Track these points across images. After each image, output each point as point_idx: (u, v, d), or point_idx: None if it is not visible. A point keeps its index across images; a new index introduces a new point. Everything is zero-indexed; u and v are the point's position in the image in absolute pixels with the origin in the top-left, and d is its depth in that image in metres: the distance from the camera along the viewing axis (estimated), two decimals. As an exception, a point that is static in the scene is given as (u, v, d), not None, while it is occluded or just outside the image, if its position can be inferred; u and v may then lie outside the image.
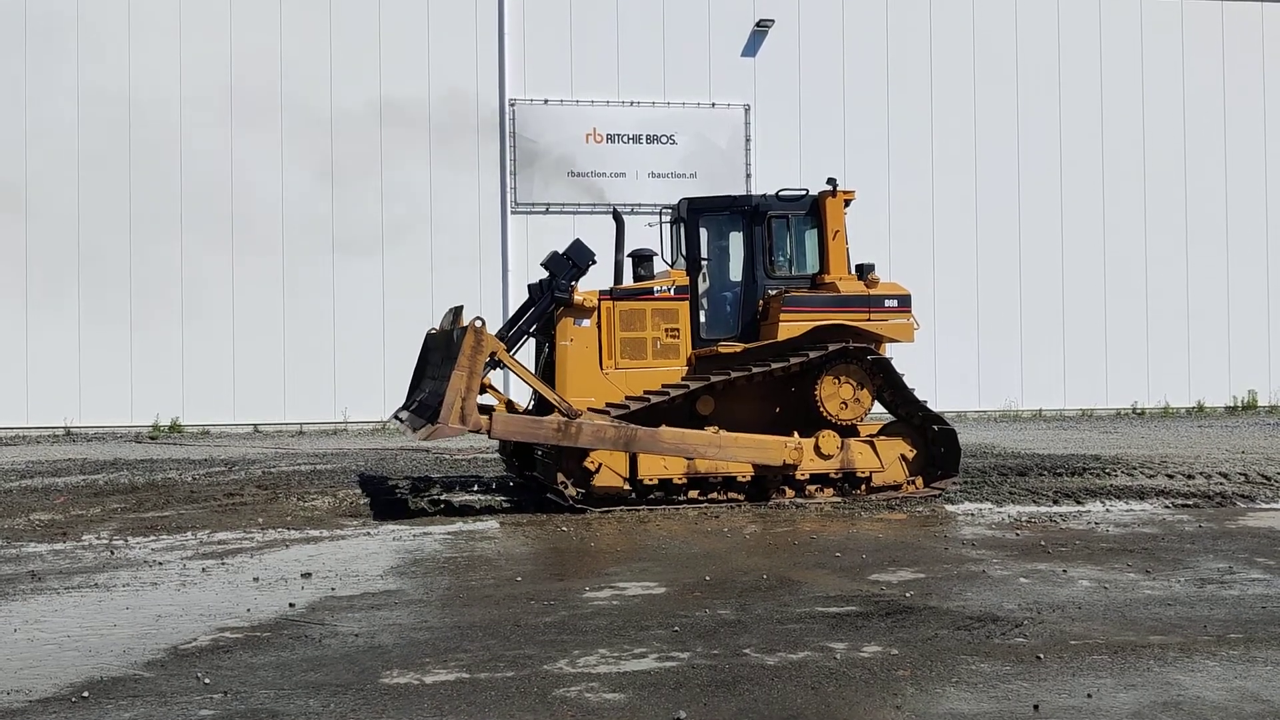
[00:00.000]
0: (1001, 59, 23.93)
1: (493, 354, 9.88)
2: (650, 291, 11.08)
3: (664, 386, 10.60)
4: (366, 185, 21.93)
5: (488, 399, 10.41)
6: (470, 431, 9.64)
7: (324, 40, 21.85)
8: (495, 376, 11.16)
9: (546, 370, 11.17)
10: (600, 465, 10.27)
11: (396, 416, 11.53)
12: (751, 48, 23.18)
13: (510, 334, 11.00)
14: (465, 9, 22.25)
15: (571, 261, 10.75)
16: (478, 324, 9.73)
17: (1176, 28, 24.60)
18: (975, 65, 23.87)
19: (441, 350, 11.02)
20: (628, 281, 11.37)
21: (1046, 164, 24.06)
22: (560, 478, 10.16)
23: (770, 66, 23.16)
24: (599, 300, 10.93)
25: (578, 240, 11.04)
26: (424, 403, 10.77)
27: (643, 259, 11.36)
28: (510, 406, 11.10)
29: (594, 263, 10.87)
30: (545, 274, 10.89)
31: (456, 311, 11.10)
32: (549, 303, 10.77)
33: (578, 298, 10.78)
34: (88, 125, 21.34)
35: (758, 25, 23.07)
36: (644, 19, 22.66)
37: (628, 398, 10.61)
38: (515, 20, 22.38)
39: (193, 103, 21.52)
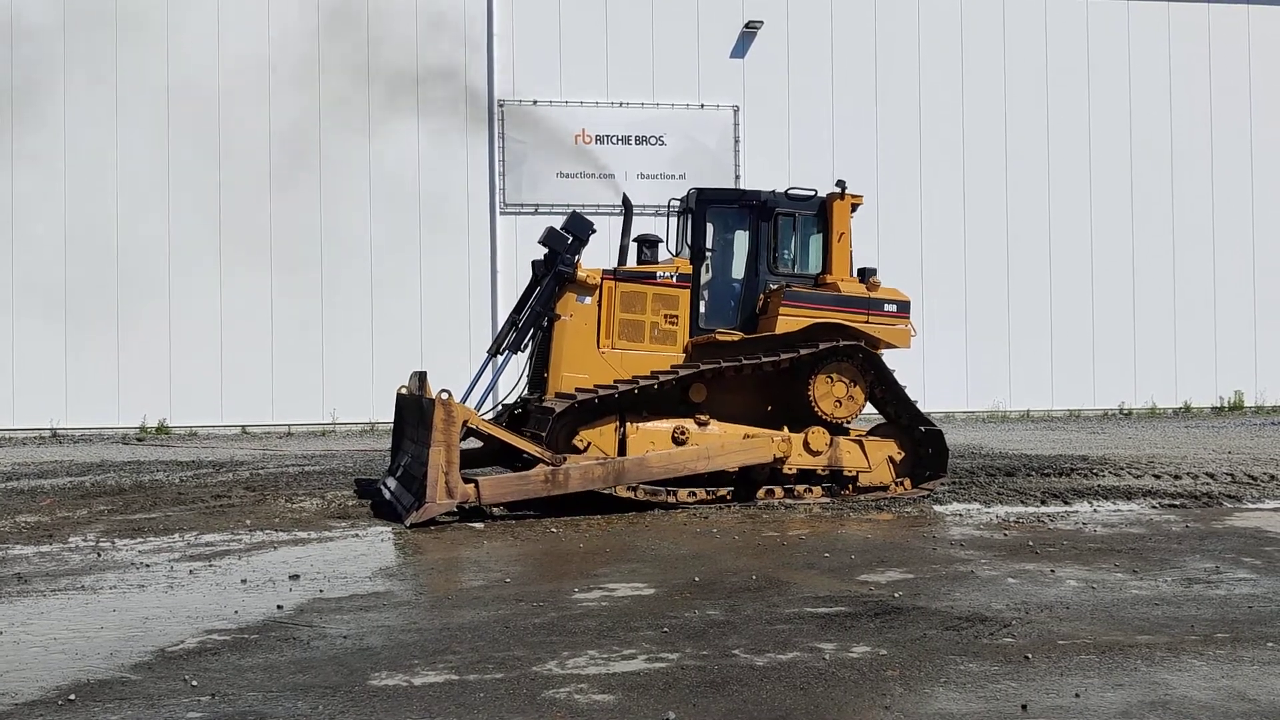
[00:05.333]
0: (989, 60, 24.02)
1: (465, 422, 9.70)
2: (653, 276, 11.06)
3: (653, 372, 10.61)
4: (355, 186, 21.90)
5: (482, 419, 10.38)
6: (459, 504, 9.59)
7: (311, 38, 21.81)
8: (495, 375, 11.19)
9: (543, 347, 11.11)
10: (589, 445, 10.30)
11: (384, 485, 11.51)
12: (740, 49, 23.21)
13: (521, 323, 10.92)
14: (454, 9, 22.23)
15: (571, 234, 10.70)
16: (444, 396, 9.55)
17: (1164, 29, 24.72)
18: (963, 67, 23.94)
19: (415, 413, 10.90)
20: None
21: (1034, 165, 24.15)
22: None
23: (759, 68, 23.19)
24: (602, 279, 10.90)
25: (575, 212, 11.00)
26: (409, 471, 10.72)
27: (648, 243, 11.36)
28: (504, 417, 11.22)
29: (594, 232, 10.83)
30: (544, 254, 10.83)
31: (421, 377, 10.97)
32: (553, 281, 10.73)
33: (581, 274, 10.75)
34: (74, 127, 21.26)
35: (746, 27, 23.11)
36: (633, 20, 22.68)
37: (617, 381, 10.60)
38: (504, 21, 22.37)
39: (180, 100, 21.46)
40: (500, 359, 11.09)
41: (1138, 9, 24.63)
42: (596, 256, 11.55)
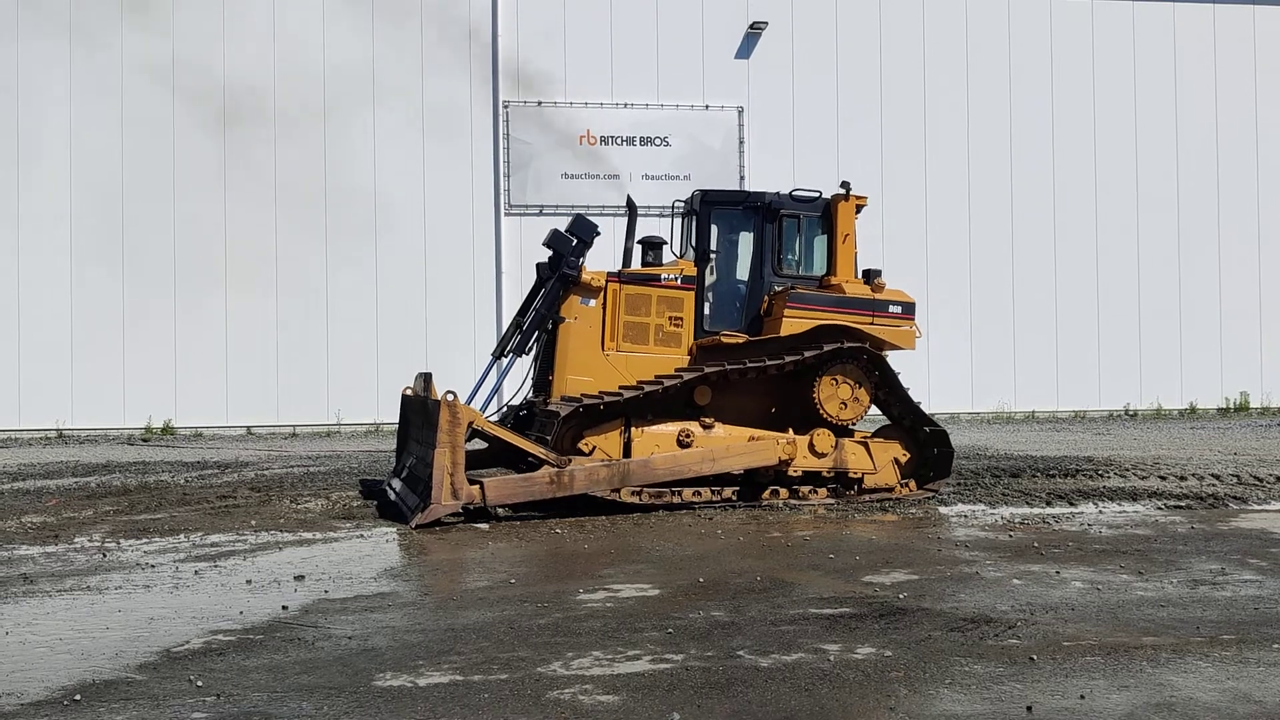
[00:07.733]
0: (994, 62, 23.99)
1: (470, 424, 9.68)
2: (657, 278, 11.05)
3: (657, 377, 10.60)
4: (359, 188, 21.92)
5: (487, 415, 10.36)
6: (464, 505, 9.59)
7: (316, 40, 21.83)
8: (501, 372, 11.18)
9: (548, 349, 11.10)
10: (594, 449, 10.30)
11: (389, 485, 11.52)
12: (745, 50, 23.22)
13: (525, 326, 10.89)
14: (459, 10, 22.24)
15: (576, 237, 10.70)
16: (449, 398, 9.54)
17: (1168, 30, 24.68)
18: (968, 68, 23.92)
19: (420, 414, 10.90)
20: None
21: (1039, 165, 24.12)
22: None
23: (764, 69, 23.19)
24: (606, 281, 10.89)
25: (579, 215, 10.99)
26: (414, 471, 10.73)
27: (652, 245, 11.35)
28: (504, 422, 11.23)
29: (598, 234, 10.85)
30: (548, 256, 10.82)
31: (427, 378, 10.97)
32: (557, 283, 10.72)
33: (585, 276, 10.75)
34: (80, 123, 21.31)
35: (751, 27, 23.11)
36: (637, 21, 22.68)
37: (622, 387, 10.58)
38: (509, 22, 22.39)
39: (186, 99, 21.49)
40: (505, 361, 11.09)
41: (1143, 10, 24.60)
42: (601, 257, 11.53)
